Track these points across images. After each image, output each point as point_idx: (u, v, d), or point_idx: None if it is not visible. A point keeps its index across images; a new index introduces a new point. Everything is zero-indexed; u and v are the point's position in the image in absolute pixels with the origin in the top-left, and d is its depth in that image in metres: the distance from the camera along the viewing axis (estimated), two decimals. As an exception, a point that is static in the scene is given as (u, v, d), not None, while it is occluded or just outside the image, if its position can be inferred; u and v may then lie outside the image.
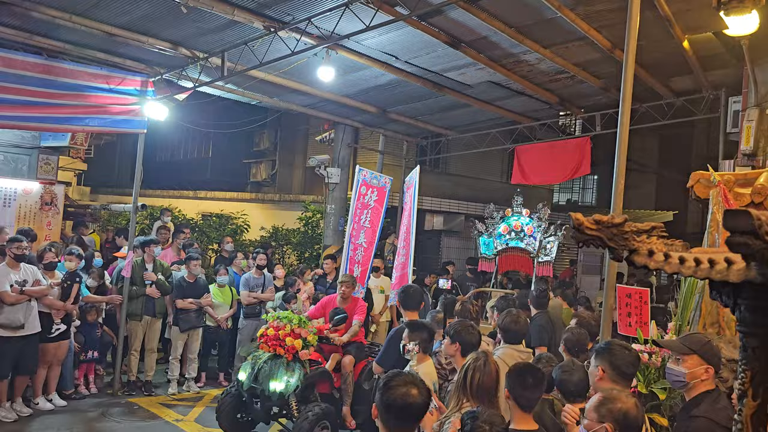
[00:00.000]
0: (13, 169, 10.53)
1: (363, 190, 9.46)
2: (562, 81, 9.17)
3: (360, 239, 9.26)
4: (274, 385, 5.87)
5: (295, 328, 6.12)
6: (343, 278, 7.27)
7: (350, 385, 6.60)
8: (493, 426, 2.83)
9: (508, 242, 10.32)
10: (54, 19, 7.11)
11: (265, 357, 6.06)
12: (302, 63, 7.98)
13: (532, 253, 9.99)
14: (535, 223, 10.02)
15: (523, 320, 4.84)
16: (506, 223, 10.39)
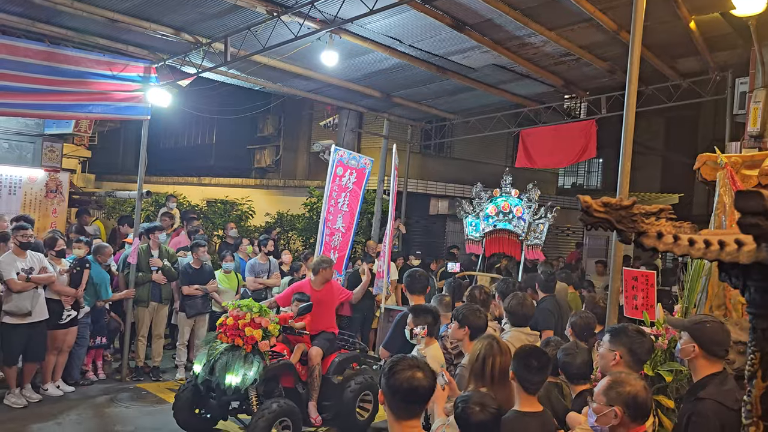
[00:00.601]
0: (18, 157, 10.53)
1: (339, 171, 8.84)
2: (567, 63, 9.11)
3: (337, 224, 8.77)
4: (230, 378, 5.45)
5: (255, 317, 5.68)
6: (327, 261, 6.77)
7: (317, 378, 6.18)
8: (485, 407, 2.85)
9: (496, 224, 9.83)
10: (56, 5, 7.08)
11: (222, 348, 5.65)
12: (306, 48, 7.93)
13: (521, 235, 9.54)
14: (525, 204, 9.55)
15: (529, 303, 4.85)
16: (494, 203, 9.90)
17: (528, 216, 9.41)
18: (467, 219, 10.15)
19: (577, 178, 23.38)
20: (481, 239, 9.97)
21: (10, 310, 6.57)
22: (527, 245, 9.42)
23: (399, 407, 2.42)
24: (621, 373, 2.82)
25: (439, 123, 13.27)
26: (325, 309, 6.53)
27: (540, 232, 9.35)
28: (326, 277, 6.54)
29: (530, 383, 3.15)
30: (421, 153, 14.85)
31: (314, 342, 6.34)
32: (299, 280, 8.94)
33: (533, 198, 9.48)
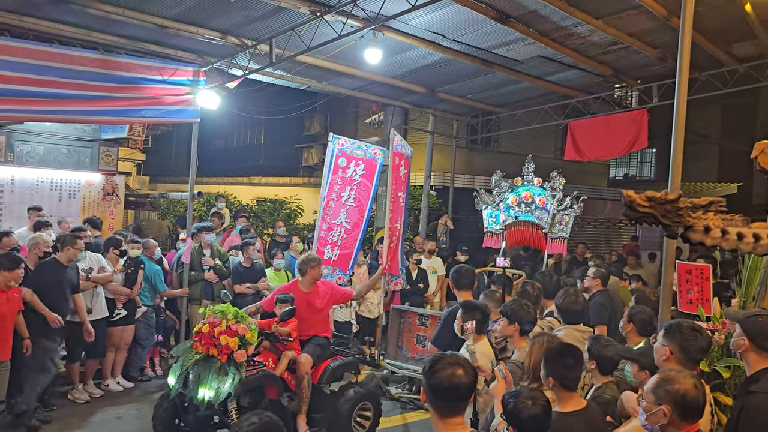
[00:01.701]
0: (77, 162, 10.95)
1: (342, 162, 7.98)
2: (616, 52, 8.89)
3: (339, 218, 7.97)
4: (203, 392, 4.96)
5: (232, 324, 5.18)
6: (315, 259, 6.24)
7: (306, 389, 5.65)
8: (536, 400, 2.81)
9: (518, 215, 9.20)
10: (109, 14, 7.31)
11: (196, 358, 5.15)
12: (349, 46, 7.98)
13: (545, 227, 8.89)
14: (548, 194, 8.88)
15: (582, 299, 4.77)
16: (515, 193, 9.28)
17: (552, 206, 8.82)
18: (486, 210, 9.58)
19: (629, 169, 22.82)
20: (501, 232, 9.42)
21: (72, 308, 6.85)
22: (551, 238, 8.85)
23: (441, 405, 2.42)
24: (671, 370, 2.75)
25: (485, 117, 13.15)
26: (317, 312, 6.03)
27: (565, 224, 8.76)
28: (314, 277, 6.07)
29: (570, 380, 3.12)
30: (467, 148, 14.75)
31: (304, 348, 5.84)
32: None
33: (557, 187, 8.84)
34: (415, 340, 7.80)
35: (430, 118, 12.86)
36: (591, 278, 6.48)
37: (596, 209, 17.74)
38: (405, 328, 7.92)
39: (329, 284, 6.40)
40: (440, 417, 2.43)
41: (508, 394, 2.94)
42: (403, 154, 8.02)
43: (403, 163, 8.06)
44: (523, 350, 4.04)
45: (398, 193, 7.86)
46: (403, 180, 8.11)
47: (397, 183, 7.77)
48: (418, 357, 7.64)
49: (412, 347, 7.82)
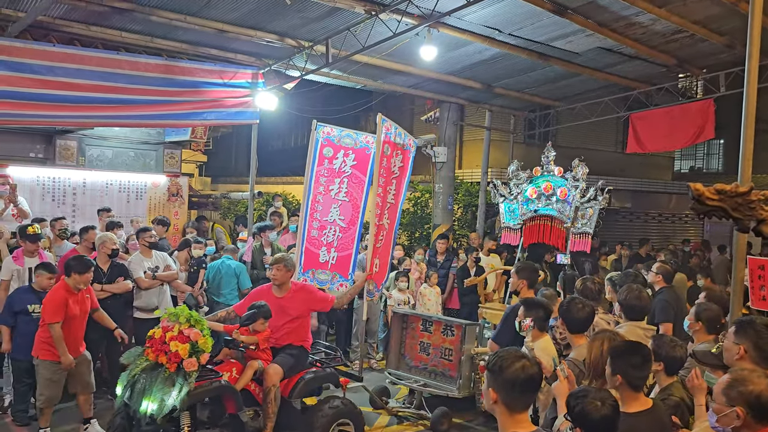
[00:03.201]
0: (143, 165, 11.38)
1: (328, 152, 7.14)
2: (680, 41, 8.58)
3: (331, 215, 7.15)
4: (146, 404, 4.44)
5: (184, 328, 4.62)
6: (274, 260, 5.68)
7: (273, 403, 5.07)
8: (605, 401, 2.74)
9: (537, 209, 8.35)
10: (171, 21, 7.56)
11: (143, 366, 4.65)
12: (404, 44, 7.99)
13: (566, 222, 7.98)
14: (570, 184, 8.01)
15: (645, 296, 4.64)
16: (534, 185, 8.39)
17: (575, 199, 7.96)
18: (504, 204, 8.72)
19: (695, 161, 22.00)
20: (519, 227, 8.57)
21: (140, 305, 7.13)
22: (573, 233, 7.95)
23: (516, 400, 2.40)
24: (743, 370, 2.63)
25: (542, 111, 12.92)
26: (292, 319, 5.51)
27: (589, 217, 7.89)
28: (282, 281, 5.53)
29: (639, 379, 3.03)
30: (525, 143, 14.52)
31: (275, 358, 5.34)
32: (403, 273, 9.06)
33: (580, 177, 7.96)
34: (418, 348, 7.16)
35: (487, 114, 12.74)
36: (653, 274, 6.28)
37: (661, 203, 17.22)
38: (408, 335, 7.29)
39: (308, 289, 5.79)
40: (510, 413, 2.41)
41: (574, 394, 2.87)
42: (397, 144, 6.93)
43: (397, 154, 6.96)
44: (581, 348, 3.96)
45: (388, 188, 6.75)
46: (397, 173, 6.96)
47: (387, 176, 6.70)
48: (421, 366, 7.10)
49: (416, 355, 7.19)
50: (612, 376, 3.10)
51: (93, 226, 7.47)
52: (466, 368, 6.53)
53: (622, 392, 3.07)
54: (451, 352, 6.75)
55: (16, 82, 7.18)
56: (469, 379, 6.56)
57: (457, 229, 13.08)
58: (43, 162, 10.59)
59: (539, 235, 8.32)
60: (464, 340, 6.54)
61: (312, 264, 7.14)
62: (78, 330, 5.79)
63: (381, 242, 6.75)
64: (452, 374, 6.64)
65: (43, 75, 7.33)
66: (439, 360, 6.89)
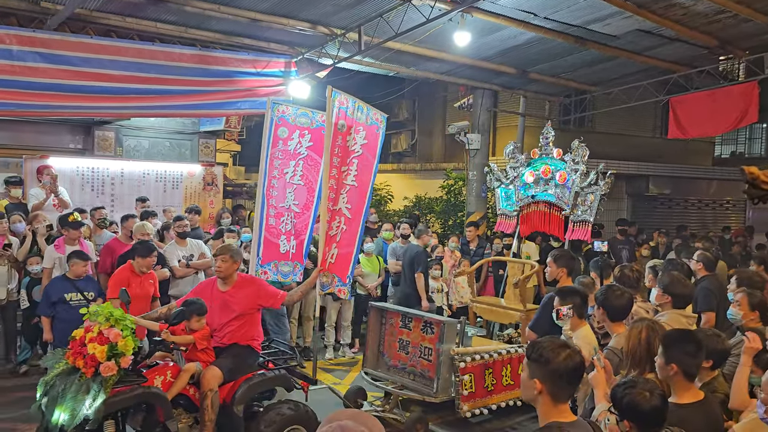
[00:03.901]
0: (178, 154, 11.52)
1: (283, 132, 6.51)
2: (722, 21, 8.31)
3: (286, 201, 6.55)
4: (58, 414, 4.01)
5: (104, 328, 4.17)
6: (218, 250, 5.18)
7: (210, 410, 4.59)
8: (653, 391, 2.67)
9: (535, 194, 7.68)
10: (204, 11, 7.60)
11: (60, 370, 4.22)
12: (437, 30, 7.91)
13: (565, 208, 7.33)
14: (570, 167, 7.31)
15: (688, 283, 4.54)
16: (532, 168, 7.74)
17: (574, 183, 7.26)
18: (500, 189, 8.12)
19: (737, 146, 21.35)
20: (516, 214, 7.97)
21: (174, 294, 7.23)
22: (573, 221, 7.30)
23: (563, 389, 2.37)
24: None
25: (578, 96, 12.68)
26: (238, 316, 5.02)
27: (589, 204, 7.21)
28: (227, 273, 5.05)
29: (694, 368, 2.96)
30: (560, 129, 14.27)
31: (214, 361, 4.85)
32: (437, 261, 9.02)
33: (580, 160, 7.28)
34: (397, 345, 6.41)
35: (521, 100, 12.56)
36: (695, 262, 6.13)
37: (700, 190, 16.81)
38: (387, 331, 6.56)
39: (256, 283, 5.27)
40: (556, 403, 2.38)
41: (621, 385, 2.80)
42: (357, 120, 6.13)
43: (357, 131, 6.13)
44: (620, 336, 3.89)
45: (345, 168, 6.07)
46: (359, 152, 6.17)
47: (344, 155, 5.97)
48: (400, 366, 6.34)
49: (394, 353, 6.43)
50: (666, 365, 3.01)
51: (132, 215, 7.66)
52: (445, 370, 5.79)
53: (675, 382, 2.98)
54: (430, 351, 5.99)
55: (55, 74, 7.31)
56: (448, 381, 5.82)
57: (490, 216, 12.96)
58: (82, 153, 10.81)
59: (537, 223, 7.77)
60: (443, 339, 5.79)
61: (273, 255, 6.53)
62: (138, 312, 5.83)
63: (338, 230, 6.07)
64: (431, 375, 5.90)
65: (81, 67, 7.45)
66: (418, 360, 6.14)
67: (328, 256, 5.98)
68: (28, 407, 5.84)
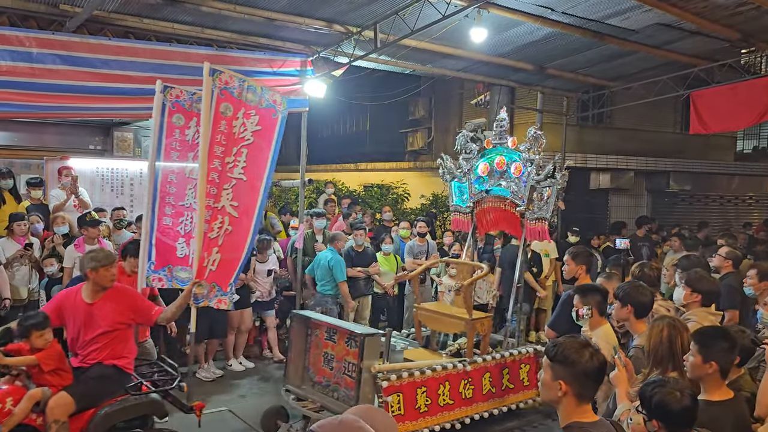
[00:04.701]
0: (196, 154, 11.57)
1: (179, 120, 5.72)
2: (744, 14, 8.14)
3: (186, 199, 5.66)
4: None
5: None
6: (88, 258, 4.47)
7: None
8: (684, 391, 2.62)
9: (489, 188, 6.83)
10: (220, 11, 7.62)
11: None
12: (453, 26, 7.85)
13: (520, 204, 6.46)
14: (525, 159, 6.43)
15: (714, 280, 4.48)
16: (486, 160, 6.84)
17: (530, 176, 6.39)
18: (453, 182, 7.37)
19: (760, 140, 21.00)
20: (470, 211, 7.18)
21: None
22: (528, 219, 6.46)
23: (588, 389, 2.35)
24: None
25: (596, 92, 12.54)
26: (104, 332, 4.38)
27: (545, 200, 6.34)
28: (101, 283, 4.41)
29: (731, 364, 2.93)
30: (578, 125, 14.16)
31: (69, 385, 4.24)
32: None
33: (536, 149, 6.47)
34: (322, 359, 5.69)
35: (539, 96, 12.45)
36: (722, 258, 6.01)
37: (722, 185, 16.58)
38: (313, 342, 5.87)
39: (129, 296, 4.62)
40: (579, 403, 2.35)
41: (650, 384, 2.76)
42: (248, 103, 5.36)
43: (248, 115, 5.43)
44: (644, 334, 3.84)
45: (230, 159, 5.33)
46: (250, 140, 5.37)
47: (229, 143, 5.23)
48: (324, 383, 5.65)
49: (319, 368, 5.72)
50: (704, 363, 2.97)
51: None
52: (367, 390, 5.09)
53: (709, 380, 2.94)
54: (354, 367, 5.32)
55: (75, 76, 7.37)
56: (371, 402, 5.05)
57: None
58: (102, 153, 10.91)
59: (492, 220, 7.06)
60: (363, 355, 5.09)
61: (167, 259, 5.84)
62: None
63: (220, 232, 5.33)
64: (354, 395, 5.24)
65: (100, 68, 7.50)
66: (342, 377, 5.44)
67: (208, 263, 5.22)
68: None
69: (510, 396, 6.30)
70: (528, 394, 6.47)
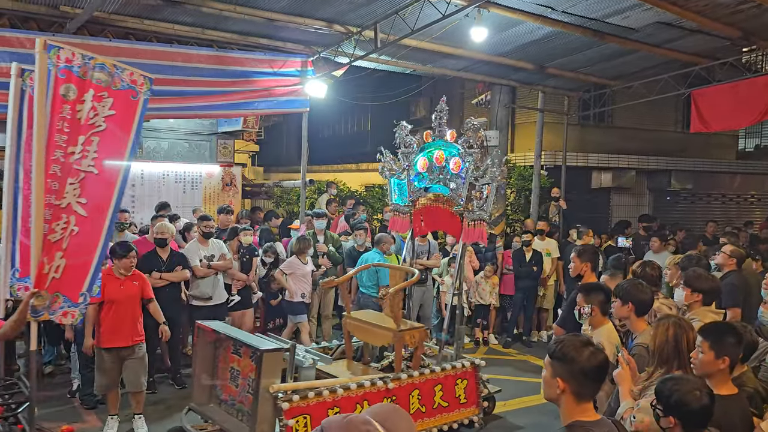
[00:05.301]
0: (197, 155, 11.60)
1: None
2: (745, 12, 8.13)
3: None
4: None
5: None
6: None
7: None
8: (702, 390, 2.66)
9: (428, 186, 6.33)
10: (221, 12, 7.62)
11: None
12: (454, 26, 7.85)
13: (459, 203, 5.95)
14: (464, 153, 5.86)
15: (715, 277, 4.47)
16: (425, 155, 6.32)
17: (468, 173, 5.82)
18: (391, 179, 6.87)
19: (761, 139, 20.96)
20: (409, 210, 6.66)
21: (195, 294, 7.29)
22: (467, 219, 5.92)
23: (587, 388, 2.34)
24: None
25: (597, 91, 12.54)
26: None
27: (484, 198, 5.84)
28: None
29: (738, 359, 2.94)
30: (580, 124, 14.16)
31: None
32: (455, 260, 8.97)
33: (474, 142, 5.84)
34: (228, 375, 5.25)
35: (540, 95, 12.45)
36: (726, 256, 5.99)
37: (724, 184, 16.56)
38: (220, 356, 5.42)
39: None
40: (579, 402, 2.34)
41: (667, 381, 2.77)
42: (97, 83, 4.63)
43: (99, 97, 4.64)
44: (645, 332, 3.84)
45: (72, 149, 4.57)
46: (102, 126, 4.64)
47: (73, 129, 4.55)
48: (230, 401, 5.22)
49: (226, 385, 5.30)
50: (717, 359, 3.00)
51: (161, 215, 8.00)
52: (266, 411, 4.60)
53: (718, 375, 2.96)
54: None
55: (75, 77, 7.37)
56: (272, 427, 4.64)
57: (510, 214, 12.88)
58: (103, 155, 10.92)
59: (431, 221, 6.52)
60: (261, 372, 4.63)
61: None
62: (123, 316, 5.76)
63: (64, 234, 4.57)
64: None
65: (100, 70, 7.50)
66: (246, 395, 4.98)
67: (50, 269, 4.49)
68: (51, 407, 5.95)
69: (443, 415, 5.74)
70: (465, 412, 5.93)
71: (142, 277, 6.13)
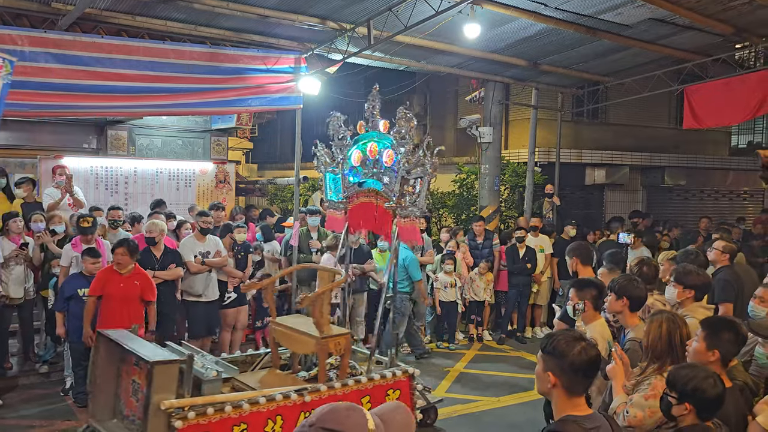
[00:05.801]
0: (191, 152, 11.57)
1: None
2: (737, 8, 8.15)
3: None
4: None
5: None
6: None
7: None
8: (716, 379, 2.74)
9: (362, 180, 5.95)
10: (213, 8, 7.59)
11: None
12: (447, 22, 7.83)
13: (391, 198, 5.52)
14: (396, 145, 5.53)
15: (706, 273, 4.48)
16: (359, 147, 5.98)
17: (401, 165, 5.44)
18: (327, 174, 6.46)
19: (754, 135, 21.04)
20: (343, 207, 6.26)
21: (185, 289, 7.29)
22: (400, 215, 5.51)
23: (579, 383, 2.35)
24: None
25: (591, 88, 12.56)
26: None
27: (416, 193, 5.49)
28: None
29: (733, 354, 3.01)
30: (573, 121, 14.19)
31: None
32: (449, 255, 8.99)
33: (407, 133, 5.53)
34: (130, 389, 4.83)
35: (533, 92, 12.46)
36: (719, 252, 6.00)
37: (717, 180, 16.64)
38: (124, 369, 4.99)
39: None
40: (570, 396, 2.36)
41: (682, 369, 2.82)
42: None
43: None
44: (638, 328, 3.85)
45: None
46: None
47: None
48: (131, 417, 4.79)
49: (128, 400, 4.87)
50: (707, 351, 3.05)
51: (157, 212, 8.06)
52: (158, 428, 4.21)
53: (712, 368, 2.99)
54: None
55: (67, 74, 7.33)
56: None
57: (504, 210, 12.90)
58: (96, 152, 10.88)
59: (364, 218, 6.04)
60: (152, 387, 4.24)
61: None
62: (119, 313, 5.88)
63: None
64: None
65: (93, 66, 7.47)
66: (142, 411, 4.53)
67: None
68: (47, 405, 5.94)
69: None
70: None
71: (146, 278, 6.18)
